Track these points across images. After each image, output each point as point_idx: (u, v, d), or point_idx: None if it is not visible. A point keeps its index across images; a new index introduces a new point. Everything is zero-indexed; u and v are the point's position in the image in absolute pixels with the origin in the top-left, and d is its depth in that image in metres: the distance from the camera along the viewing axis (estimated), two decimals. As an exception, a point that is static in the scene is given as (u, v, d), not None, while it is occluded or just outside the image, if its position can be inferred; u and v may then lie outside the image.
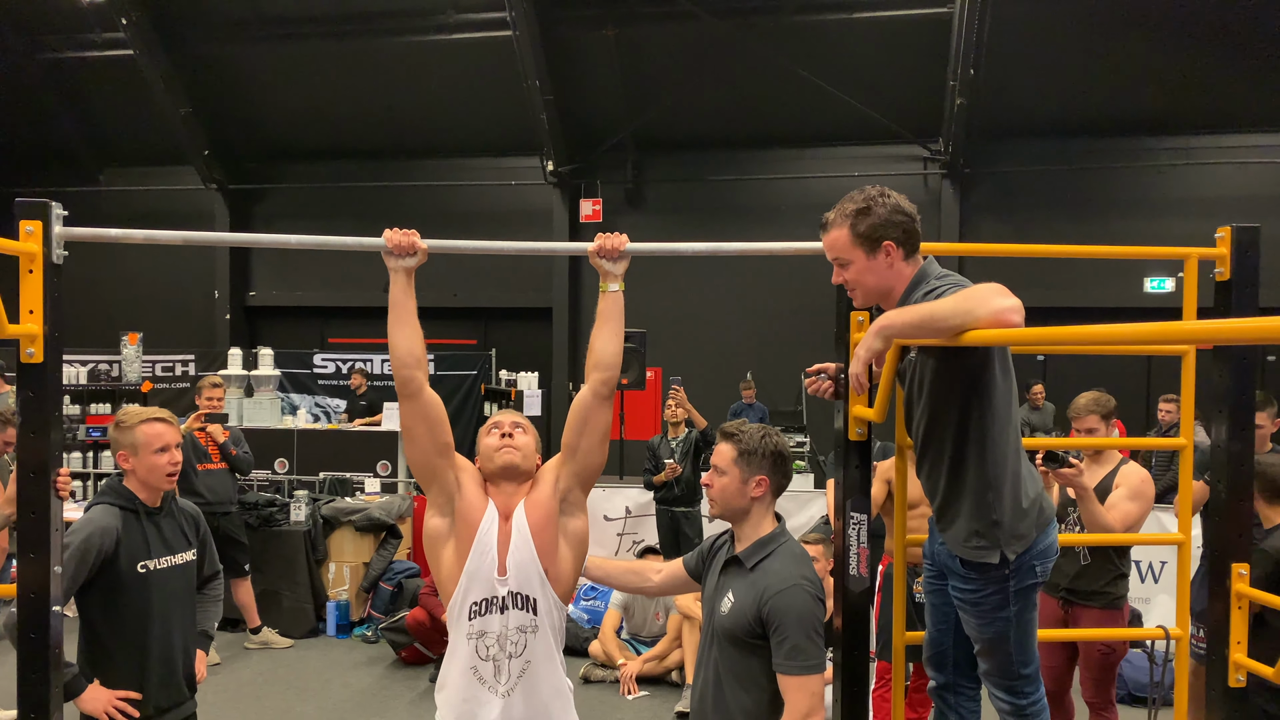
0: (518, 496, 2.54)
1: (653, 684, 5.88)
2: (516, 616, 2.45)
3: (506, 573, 2.46)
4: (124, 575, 2.96)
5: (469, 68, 12.81)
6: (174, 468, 3.09)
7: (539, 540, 2.48)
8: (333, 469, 8.86)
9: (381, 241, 2.54)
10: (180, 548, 3.15)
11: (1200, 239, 2.84)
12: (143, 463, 3.04)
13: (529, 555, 2.47)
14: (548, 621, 2.47)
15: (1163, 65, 11.58)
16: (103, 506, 3.03)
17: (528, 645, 2.46)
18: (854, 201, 2.36)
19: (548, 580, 2.48)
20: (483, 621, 2.46)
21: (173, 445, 3.09)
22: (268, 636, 6.67)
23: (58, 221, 2.40)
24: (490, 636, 2.45)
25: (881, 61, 12.02)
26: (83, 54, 13.57)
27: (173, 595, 3.09)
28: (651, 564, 3.02)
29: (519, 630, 2.46)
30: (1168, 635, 3.00)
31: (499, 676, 2.45)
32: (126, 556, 2.97)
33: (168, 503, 3.16)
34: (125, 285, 14.67)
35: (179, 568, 3.13)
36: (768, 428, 2.64)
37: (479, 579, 2.46)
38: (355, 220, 13.10)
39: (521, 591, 2.46)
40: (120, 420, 3.11)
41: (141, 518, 3.05)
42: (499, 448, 2.53)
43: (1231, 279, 2.64)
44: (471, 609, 2.46)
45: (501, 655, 2.45)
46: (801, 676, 2.37)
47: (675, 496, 6.97)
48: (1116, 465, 4.04)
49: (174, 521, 3.17)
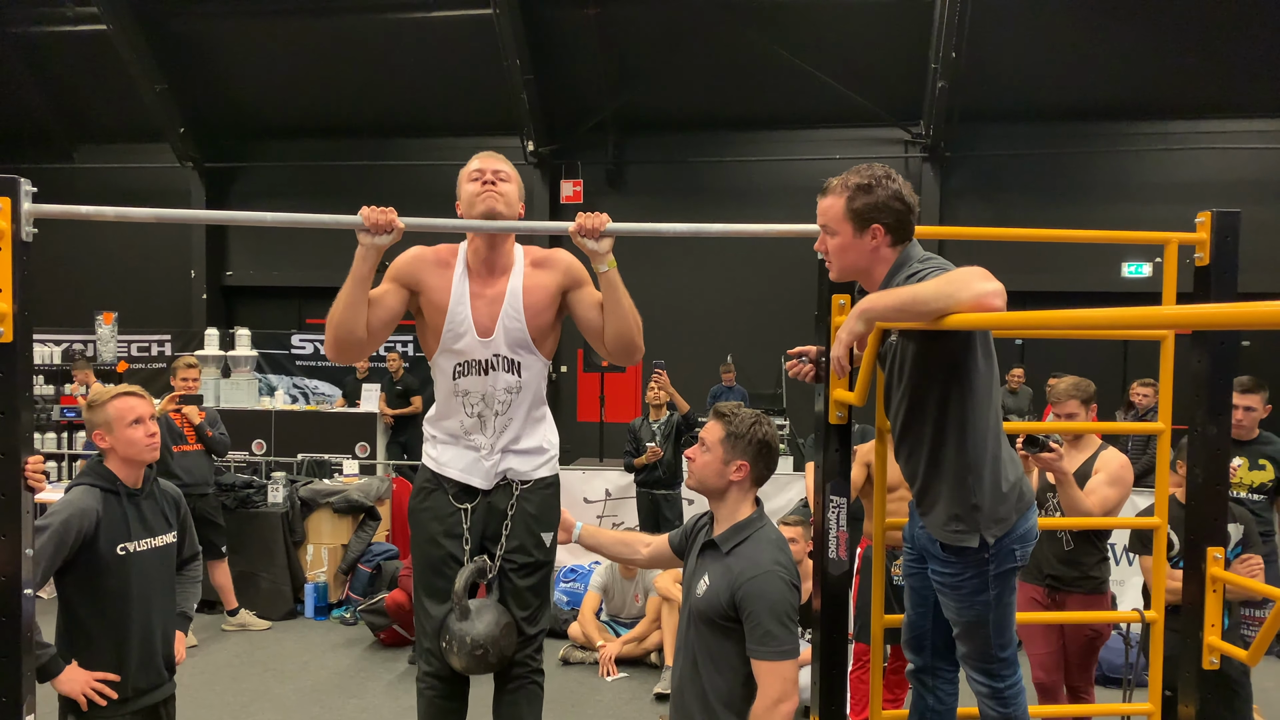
0: (502, 258, 2.66)
1: (632, 665, 5.90)
2: (504, 379, 2.63)
3: (493, 335, 2.61)
4: (103, 557, 2.94)
5: (449, 46, 12.69)
6: (152, 439, 3.07)
7: (533, 320, 2.64)
8: (311, 450, 8.82)
9: (359, 219, 2.52)
10: (160, 530, 3.13)
11: (1179, 224, 2.85)
12: (120, 438, 3.01)
13: (519, 326, 2.63)
14: (532, 376, 2.67)
15: (1144, 50, 11.61)
16: (83, 488, 3.01)
17: (511, 404, 2.65)
18: (859, 175, 2.34)
19: (536, 346, 2.66)
20: (466, 381, 2.64)
21: (146, 417, 3.07)
22: (245, 618, 6.63)
23: (27, 198, 2.36)
24: (474, 395, 2.63)
25: (863, 44, 12.00)
26: (55, 28, 13.32)
27: (152, 577, 3.07)
28: (641, 536, 3.04)
29: (506, 391, 2.64)
30: (1143, 618, 3.03)
31: (484, 430, 2.65)
32: (106, 538, 2.95)
33: (149, 484, 3.14)
34: (101, 264, 14.48)
35: (159, 550, 3.11)
36: (762, 415, 2.62)
37: (457, 343, 2.63)
38: (333, 199, 12.97)
39: (508, 355, 2.63)
40: (91, 401, 3.09)
41: (122, 499, 3.02)
42: (480, 194, 2.62)
43: (1211, 264, 2.65)
44: (456, 370, 2.64)
45: (489, 412, 2.63)
46: (773, 662, 2.38)
47: (656, 479, 6.98)
48: (1096, 450, 4.04)
49: (154, 503, 3.14)
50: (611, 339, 2.64)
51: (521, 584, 2.72)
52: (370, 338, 2.63)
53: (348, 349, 2.58)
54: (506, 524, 2.69)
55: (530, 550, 2.73)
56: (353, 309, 2.55)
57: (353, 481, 7.50)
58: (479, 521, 2.69)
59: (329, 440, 9.26)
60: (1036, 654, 4.08)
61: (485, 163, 2.68)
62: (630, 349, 2.64)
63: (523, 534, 2.72)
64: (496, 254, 2.66)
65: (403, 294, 2.68)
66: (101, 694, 2.91)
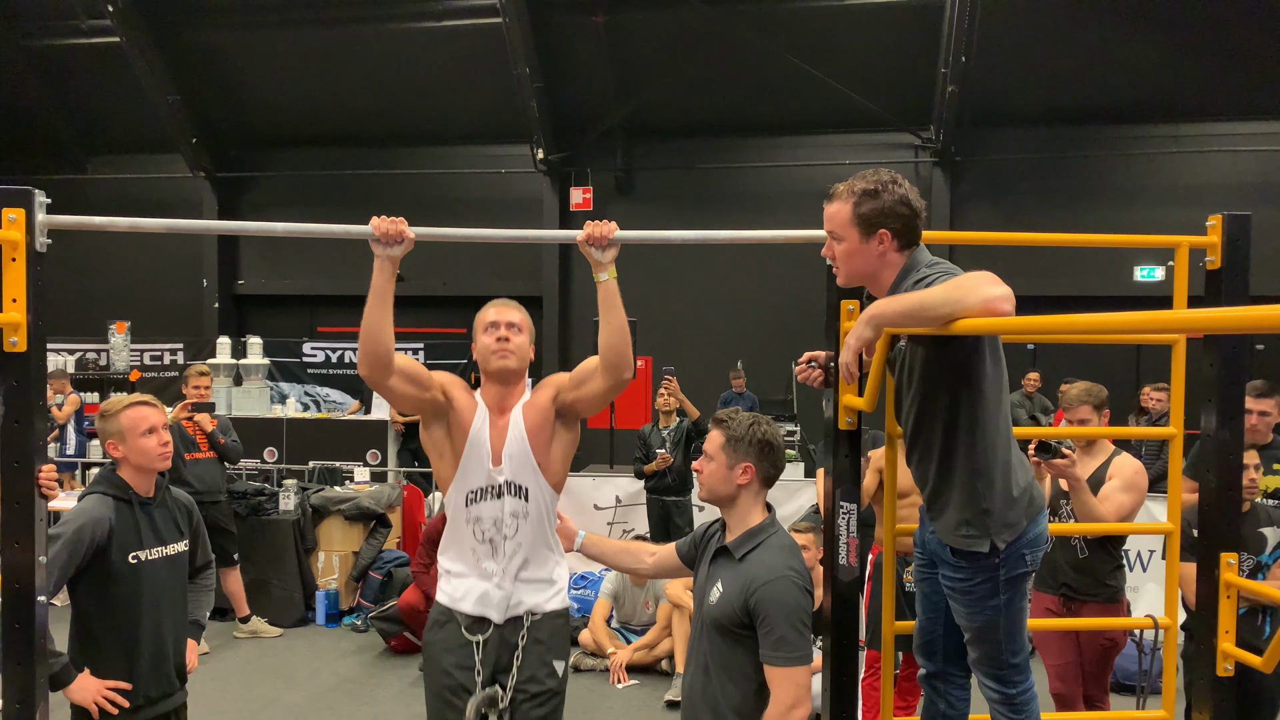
0: (513, 397, 2.79)
1: (642, 673, 5.89)
2: (511, 503, 2.72)
3: (501, 463, 2.71)
4: (116, 565, 2.95)
5: (458, 55, 12.74)
6: (165, 448, 3.09)
7: (535, 439, 2.74)
8: (322, 458, 8.84)
9: (369, 229, 2.53)
10: (172, 538, 3.14)
11: (1191, 227, 2.84)
12: (132, 448, 3.03)
13: (524, 449, 2.72)
14: (539, 505, 2.74)
15: (1153, 53, 11.58)
16: (95, 496, 3.02)
17: (519, 529, 2.72)
18: (865, 180, 2.34)
19: (541, 471, 2.74)
20: (478, 508, 2.72)
21: (159, 426, 3.08)
22: (256, 625, 6.65)
23: (41, 209, 2.38)
24: (486, 521, 2.71)
25: (872, 49, 11.99)
26: (69, 40, 13.45)
27: (164, 586, 3.08)
28: (645, 545, 3.05)
29: (513, 516, 2.72)
30: (1156, 624, 3.01)
31: (495, 557, 2.72)
32: (118, 547, 2.96)
33: (161, 492, 3.14)
34: (114, 274, 14.57)
35: (171, 558, 3.12)
36: (759, 416, 2.65)
37: (474, 470, 2.72)
38: (344, 208, 13.02)
39: (516, 481, 2.72)
40: (104, 410, 3.11)
41: (134, 507, 3.03)
42: (495, 351, 2.75)
43: (1222, 267, 2.63)
44: (469, 496, 2.73)
45: (500, 537, 2.71)
46: (787, 668, 2.39)
47: (666, 485, 6.97)
48: (1109, 456, 3.98)
49: (167, 512, 3.15)
50: (605, 349, 2.66)
51: (534, 714, 2.73)
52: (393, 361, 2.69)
53: (377, 362, 2.62)
54: (518, 654, 2.72)
55: (542, 679, 2.74)
56: (378, 323, 2.61)
57: (364, 489, 7.52)
58: (491, 653, 2.72)
59: (340, 448, 9.28)
60: (1053, 665, 4.02)
61: (500, 314, 2.80)
62: (621, 360, 2.66)
63: (534, 664, 2.73)
64: (508, 395, 2.81)
65: (438, 393, 2.76)
66: (113, 702, 2.91)
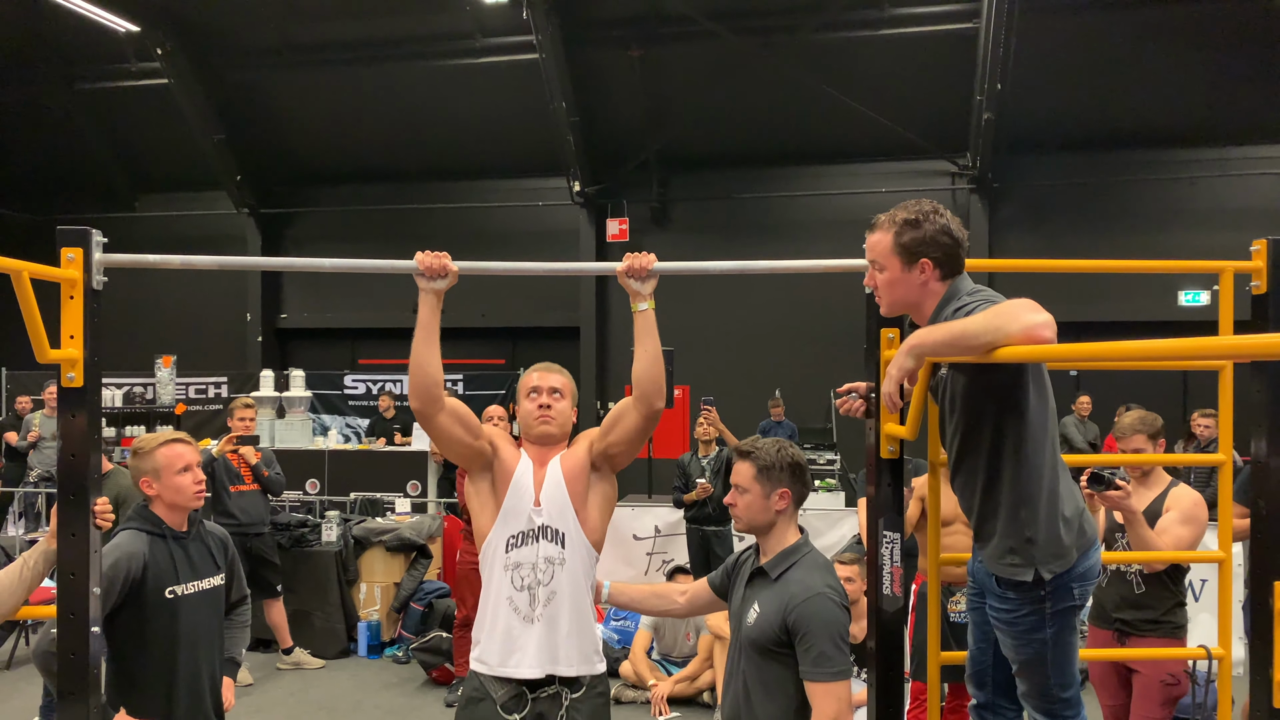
0: (552, 452, 2.80)
1: (684, 705, 5.84)
2: (546, 548, 2.67)
3: (541, 505, 2.69)
4: (151, 601, 2.92)
5: (496, 90, 12.94)
6: (199, 486, 3.06)
7: (572, 487, 2.73)
8: (363, 489, 8.92)
9: (413, 264, 2.58)
10: (208, 572, 3.11)
11: (1236, 251, 2.80)
12: (167, 486, 3.01)
13: (561, 494, 2.71)
14: (576, 557, 2.68)
15: (1192, 76, 11.47)
16: (130, 531, 2.99)
17: (554, 576, 2.66)
18: (907, 210, 2.35)
19: (578, 520, 2.71)
20: (518, 553, 2.68)
21: (194, 464, 3.06)
22: (299, 657, 6.70)
23: (98, 249, 2.45)
24: (525, 567, 2.67)
25: (907, 77, 12.00)
26: (119, 83, 13.85)
27: (201, 621, 3.05)
28: (675, 586, 3.05)
29: (547, 561, 2.67)
30: (1209, 655, 2.94)
31: (533, 605, 2.65)
32: (154, 582, 2.93)
33: (195, 526, 3.13)
34: (159, 309, 14.88)
35: (207, 593, 3.09)
36: (782, 440, 2.70)
37: (515, 514, 2.70)
38: (384, 242, 13.23)
39: (553, 525, 2.68)
40: (138, 448, 3.08)
41: (169, 542, 3.01)
42: (537, 418, 2.78)
43: (1268, 292, 2.60)
44: (509, 542, 2.69)
45: (535, 583, 2.65)
46: (829, 683, 2.40)
47: (706, 515, 6.94)
48: (1166, 488, 3.78)
49: (202, 545, 3.13)
50: (640, 378, 2.69)
51: None
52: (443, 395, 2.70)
53: (424, 394, 2.64)
54: None
55: None
56: (427, 355, 2.63)
57: (405, 520, 7.57)
58: None
59: (381, 479, 9.35)
60: (1109, 705, 3.86)
61: (542, 379, 2.82)
62: (655, 389, 2.68)
63: None
64: (549, 453, 2.82)
65: (483, 441, 2.77)
66: None
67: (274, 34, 12.94)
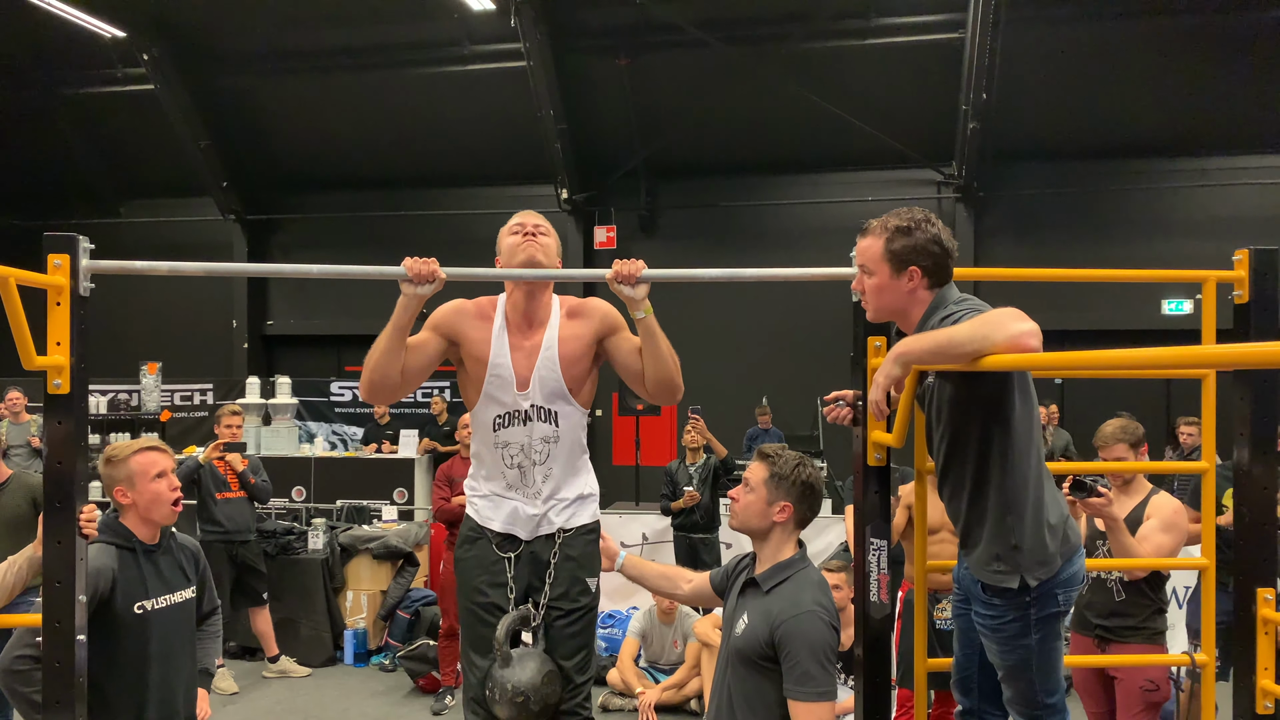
0: (540, 310, 2.72)
1: (671, 713, 5.84)
2: (540, 428, 2.67)
3: (529, 388, 2.66)
4: (121, 617, 2.82)
5: (484, 98, 12.94)
6: (175, 493, 2.95)
7: (568, 370, 2.69)
8: (350, 497, 8.88)
9: (402, 270, 2.58)
10: (179, 585, 3.01)
11: (1219, 261, 2.84)
12: (143, 494, 2.90)
13: (555, 377, 2.67)
14: (569, 425, 2.70)
15: (1177, 86, 11.57)
16: (98, 545, 2.83)
17: (550, 454, 2.69)
18: (899, 218, 2.37)
19: (572, 395, 2.70)
20: (506, 433, 2.68)
21: (169, 471, 2.96)
22: (285, 665, 6.66)
23: (85, 255, 2.44)
24: (514, 446, 2.67)
25: (893, 86, 12.07)
26: (104, 89, 13.78)
27: (172, 635, 2.95)
28: (684, 572, 3.05)
29: (543, 440, 2.68)
30: (1193, 660, 2.97)
31: (526, 481, 2.68)
32: (123, 597, 2.83)
33: (165, 539, 3.02)
34: (144, 316, 14.79)
35: (178, 606, 2.99)
36: (805, 458, 2.64)
37: (497, 397, 2.68)
38: (372, 249, 13.20)
39: (545, 406, 2.67)
40: (110, 456, 2.95)
41: (139, 556, 2.90)
42: (521, 244, 2.70)
43: (1250, 301, 2.63)
44: (495, 421, 2.68)
45: (529, 463, 2.67)
46: (810, 703, 2.38)
47: (694, 523, 6.95)
48: (1147, 495, 3.81)
49: (172, 559, 3.02)
50: (653, 383, 2.70)
51: (567, 631, 2.73)
52: (404, 382, 2.70)
53: (380, 391, 2.67)
54: (549, 572, 2.71)
55: (575, 596, 2.74)
56: (390, 355, 2.63)
57: (391, 527, 7.54)
58: (524, 570, 2.72)
59: (367, 486, 9.32)
60: (1093, 713, 3.87)
61: (525, 219, 2.76)
62: (671, 390, 2.71)
63: (567, 580, 2.73)
64: (534, 306, 2.73)
65: (441, 344, 2.75)
66: None
67: (261, 40, 12.91)
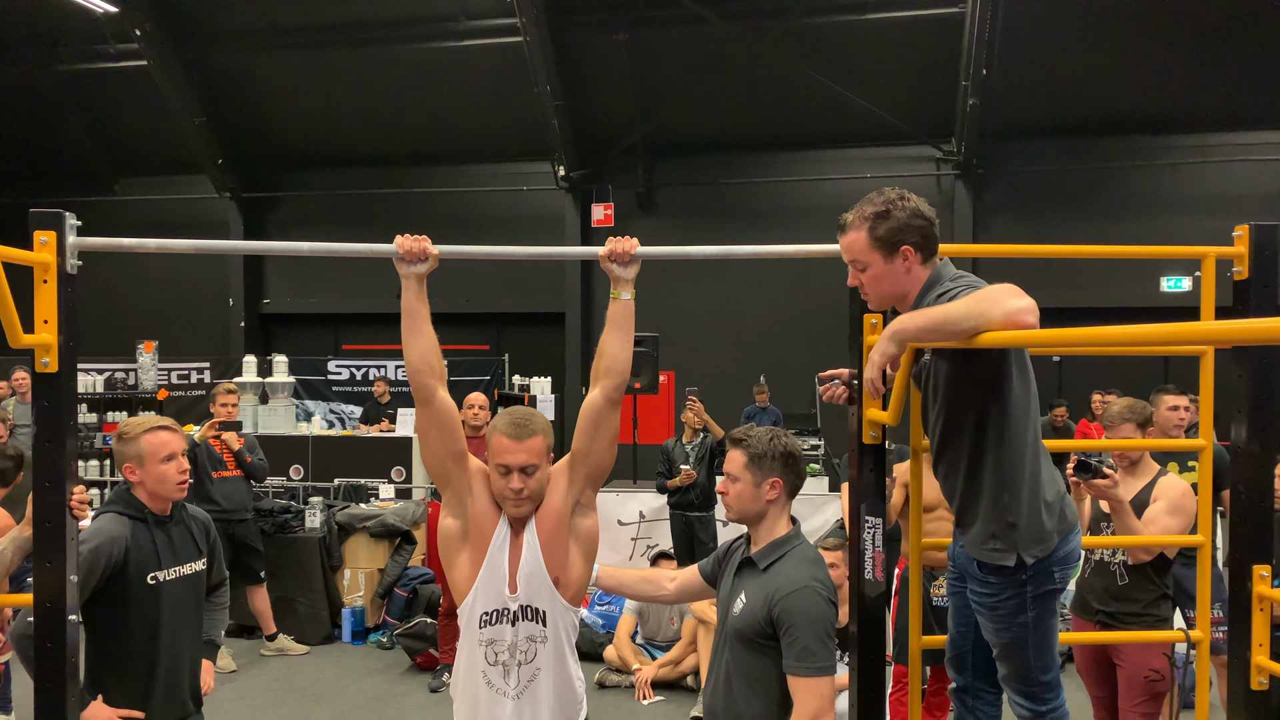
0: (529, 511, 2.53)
1: (668, 689, 5.86)
2: (526, 628, 2.50)
3: (517, 589, 2.49)
4: (133, 586, 2.86)
5: (480, 74, 12.86)
6: (183, 475, 2.99)
7: (549, 554, 2.51)
8: (347, 475, 8.88)
9: (393, 248, 2.54)
10: (190, 557, 3.05)
11: (1218, 237, 2.81)
12: (150, 473, 2.93)
13: (538, 569, 2.49)
14: (556, 629, 2.51)
15: (1177, 62, 11.50)
16: (111, 515, 2.91)
17: (538, 654, 2.51)
18: (873, 204, 2.33)
19: (557, 591, 2.51)
20: (494, 630, 2.50)
21: (179, 453, 2.99)
22: (283, 643, 6.68)
23: (72, 232, 2.40)
24: (501, 644, 2.50)
25: (893, 62, 12.00)
26: (97, 65, 13.69)
27: (183, 606, 2.99)
28: (665, 572, 3.03)
29: (529, 640, 2.50)
30: (1188, 637, 2.97)
31: (508, 680, 2.49)
32: (136, 567, 2.86)
33: (177, 510, 3.07)
34: (141, 294, 14.77)
35: (189, 578, 3.03)
36: (776, 429, 2.63)
37: (490, 593, 2.50)
38: (368, 226, 13.12)
39: (531, 604, 2.49)
40: (123, 432, 2.99)
41: (151, 526, 2.94)
42: (511, 500, 2.48)
43: (1250, 278, 2.61)
44: (482, 618, 2.50)
45: (511, 662, 2.49)
46: (811, 678, 2.37)
47: (690, 501, 6.95)
48: (1154, 477, 3.68)
49: (184, 529, 3.07)
50: (609, 358, 2.55)
51: None
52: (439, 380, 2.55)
53: (413, 376, 2.54)
54: None
55: None
56: (412, 338, 2.54)
57: (389, 506, 7.55)
58: None
59: (365, 465, 9.31)
60: (1097, 696, 3.83)
61: (513, 458, 2.46)
62: (621, 369, 2.54)
63: None
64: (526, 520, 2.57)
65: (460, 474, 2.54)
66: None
67: (256, 16, 12.81)
